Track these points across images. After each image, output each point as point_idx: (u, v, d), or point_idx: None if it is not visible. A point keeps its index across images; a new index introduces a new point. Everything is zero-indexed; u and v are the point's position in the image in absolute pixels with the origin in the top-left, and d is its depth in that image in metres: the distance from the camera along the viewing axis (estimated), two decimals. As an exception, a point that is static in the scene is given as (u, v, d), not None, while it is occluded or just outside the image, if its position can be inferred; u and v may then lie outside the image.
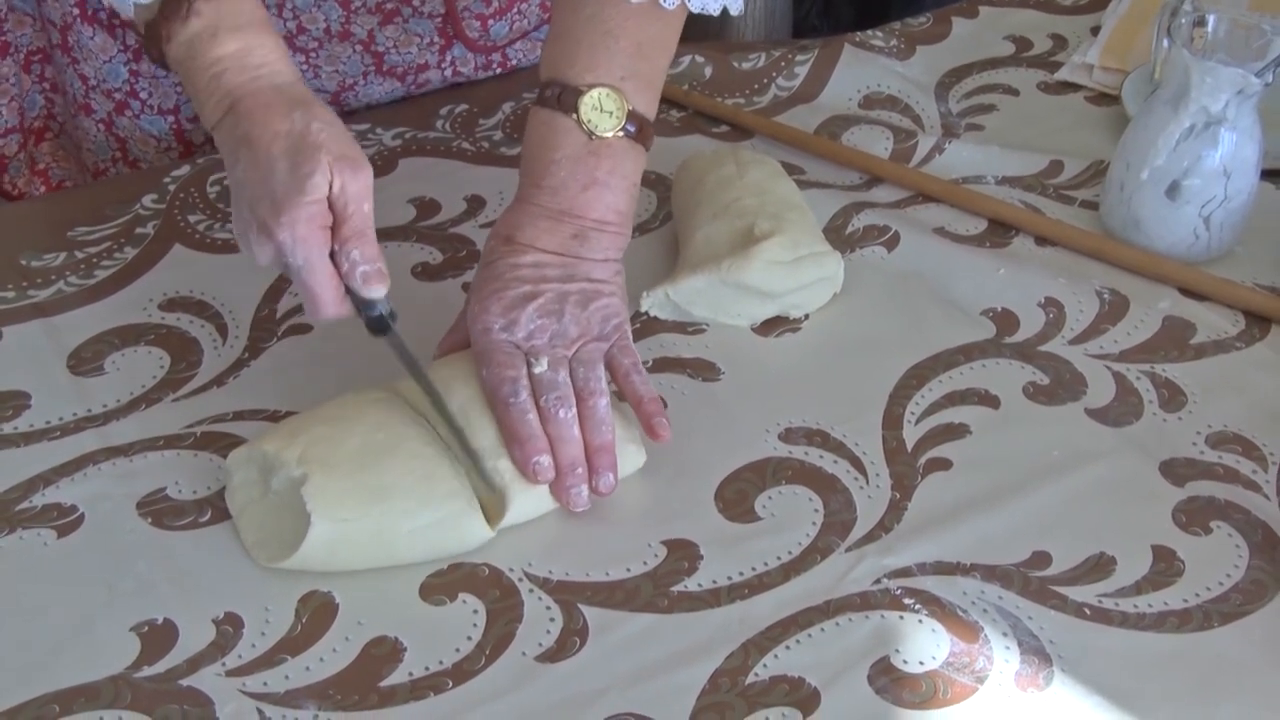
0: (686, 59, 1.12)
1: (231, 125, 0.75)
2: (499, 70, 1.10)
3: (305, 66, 1.03)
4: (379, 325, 0.75)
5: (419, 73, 1.06)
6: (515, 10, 1.06)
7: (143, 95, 1.03)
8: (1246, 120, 0.90)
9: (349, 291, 0.74)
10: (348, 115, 1.06)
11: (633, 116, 0.81)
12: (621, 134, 0.80)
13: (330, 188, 0.72)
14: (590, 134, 0.80)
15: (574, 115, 0.80)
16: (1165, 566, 0.74)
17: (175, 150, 1.06)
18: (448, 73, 1.08)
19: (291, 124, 0.73)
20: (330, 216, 0.73)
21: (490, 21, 1.06)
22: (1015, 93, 1.11)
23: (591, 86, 0.80)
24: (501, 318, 0.78)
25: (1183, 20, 0.91)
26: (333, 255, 0.73)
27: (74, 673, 0.68)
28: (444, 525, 0.73)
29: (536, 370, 0.76)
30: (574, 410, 0.76)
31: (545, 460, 0.75)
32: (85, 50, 1.01)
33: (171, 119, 1.04)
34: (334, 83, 1.05)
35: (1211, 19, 0.91)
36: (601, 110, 0.80)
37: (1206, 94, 0.88)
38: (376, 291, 0.74)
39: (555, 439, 0.75)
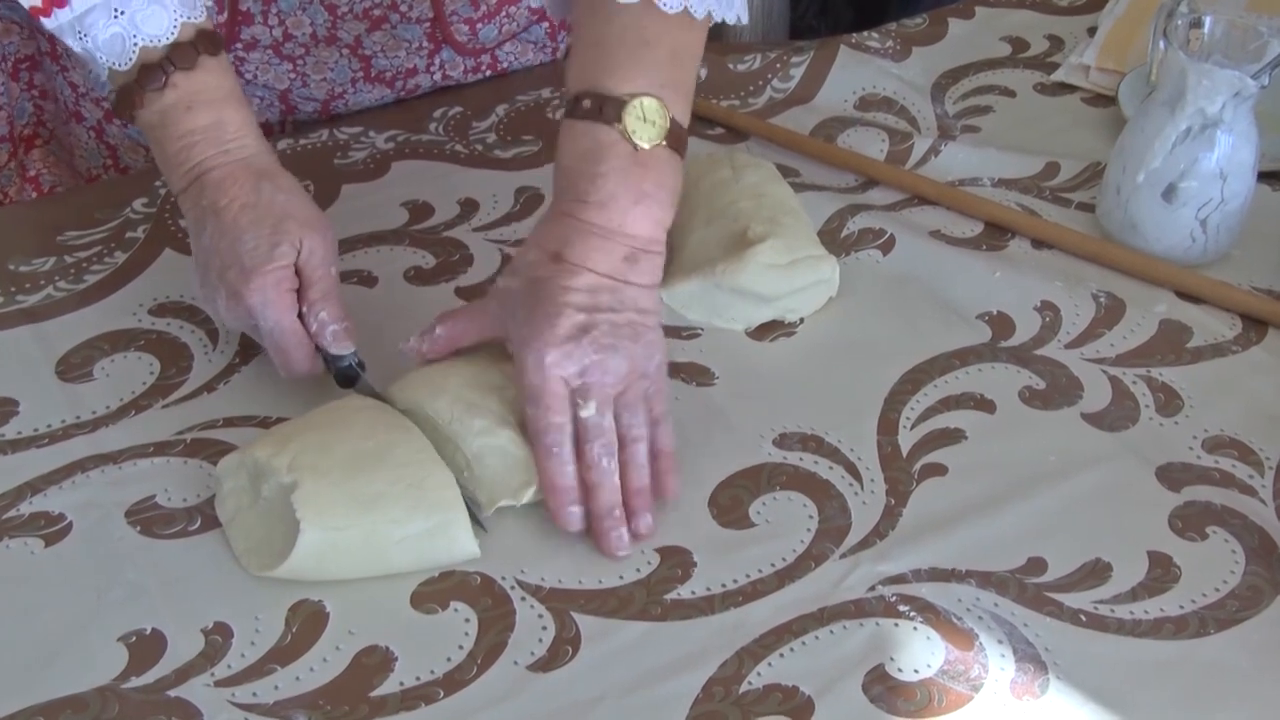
0: (681, 61, 1.11)
1: (197, 194, 0.80)
2: (489, 73, 1.09)
3: (293, 74, 1.02)
4: (348, 377, 0.81)
5: (408, 78, 1.06)
6: (504, 13, 1.06)
7: None
8: (1243, 123, 0.89)
9: (318, 348, 0.80)
10: (338, 119, 1.06)
11: (673, 125, 0.78)
12: (663, 144, 0.77)
13: (298, 254, 0.78)
14: (635, 146, 0.76)
15: (617, 126, 0.76)
16: (1161, 572, 0.74)
17: None
18: (437, 76, 1.07)
19: (258, 195, 0.79)
20: (296, 280, 0.78)
21: (479, 25, 1.05)
22: (1012, 94, 1.11)
23: (634, 96, 0.76)
24: (556, 350, 0.74)
25: (1179, 22, 0.91)
26: (301, 316, 0.79)
27: (61, 683, 0.67)
28: (434, 534, 0.72)
29: (584, 414, 0.74)
30: (616, 458, 0.75)
31: (578, 511, 0.74)
32: (75, 58, 1.01)
33: None
34: (322, 90, 1.04)
35: (1208, 21, 0.91)
36: (645, 120, 0.77)
37: (1203, 96, 0.88)
38: (345, 348, 0.80)
39: (595, 485, 0.74)
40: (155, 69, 0.78)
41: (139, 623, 0.70)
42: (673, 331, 0.88)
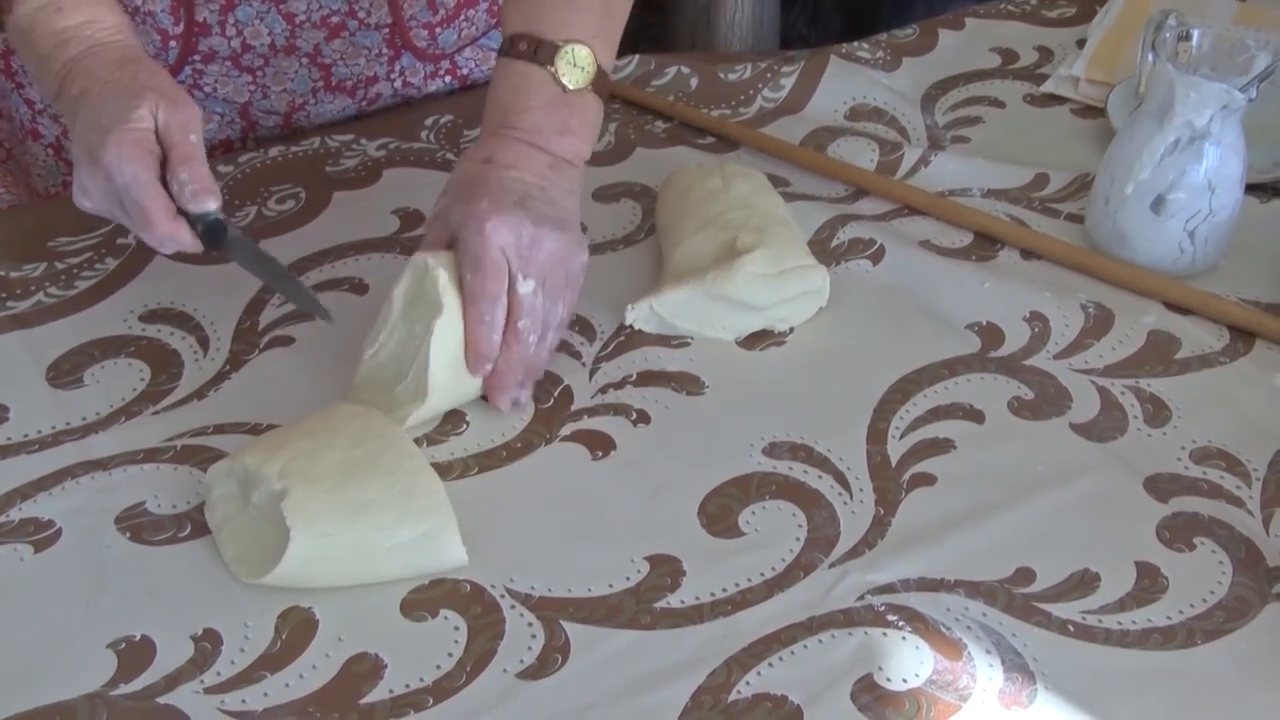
0: (672, 70, 1.12)
1: (69, 87, 0.81)
2: (449, 78, 1.09)
3: (253, 86, 1.02)
4: (214, 233, 0.79)
5: (369, 85, 1.06)
6: (463, 17, 1.06)
7: None
8: (1231, 135, 0.90)
9: (181, 213, 0.79)
10: (300, 133, 1.05)
11: (599, 72, 0.85)
12: (589, 88, 0.84)
13: (156, 121, 0.78)
14: (564, 87, 0.83)
15: (549, 68, 0.83)
16: (1149, 583, 0.74)
17: None
18: (397, 84, 1.07)
19: (120, 72, 0.80)
20: (157, 146, 0.78)
21: (438, 30, 1.06)
22: (1001, 105, 1.11)
23: (567, 43, 0.83)
24: (496, 218, 0.79)
25: (1167, 35, 0.91)
26: (166, 186, 0.78)
27: (49, 691, 0.67)
28: (423, 542, 0.72)
29: (521, 291, 0.79)
30: (537, 336, 0.81)
31: (489, 368, 0.80)
32: (30, 74, 1.01)
33: None
34: (283, 102, 1.04)
35: (1196, 34, 0.91)
36: (575, 65, 0.84)
37: (1191, 108, 0.88)
38: (207, 204, 0.79)
39: (512, 353, 0.80)
40: None
41: (128, 629, 0.70)
42: (663, 340, 0.88)
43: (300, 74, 1.03)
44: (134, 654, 0.69)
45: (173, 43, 0.96)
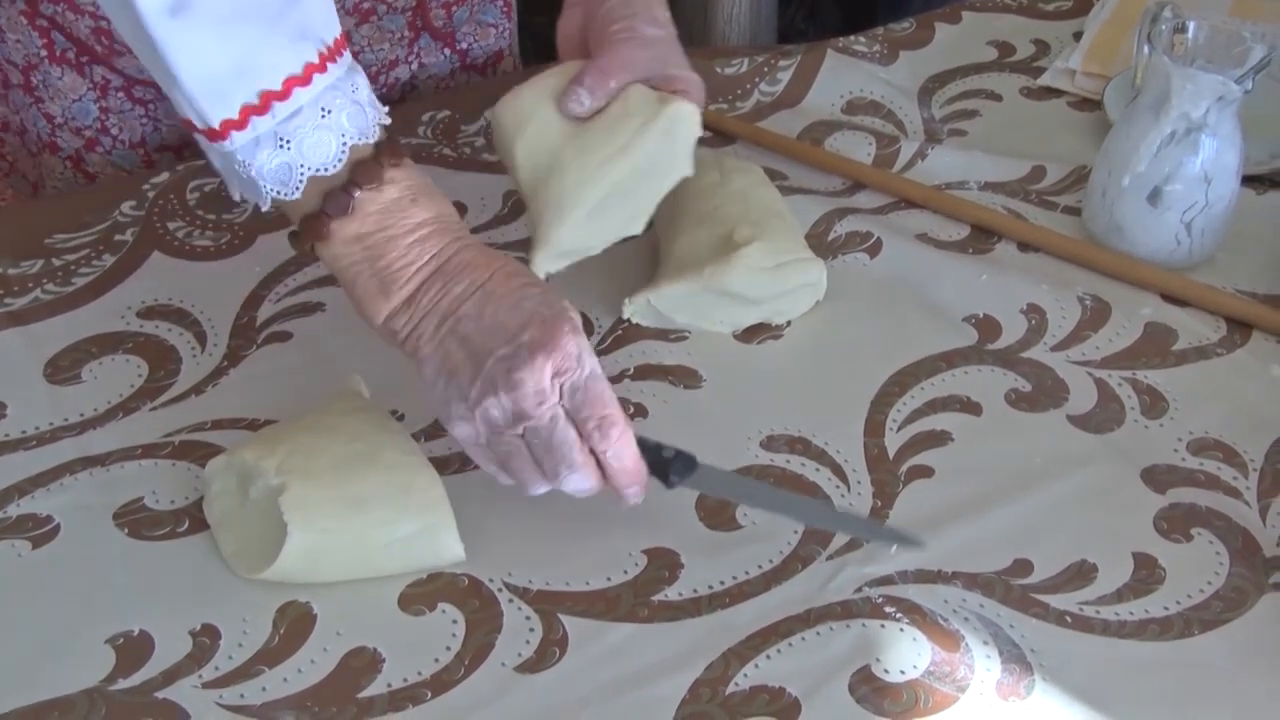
0: (669, 64, 1.12)
1: (443, 288, 0.70)
2: (448, 51, 1.10)
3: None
4: (685, 466, 0.73)
5: (390, 69, 1.06)
6: None
7: (113, 131, 1.02)
8: (1227, 126, 0.90)
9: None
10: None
11: None
12: None
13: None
14: None
15: None
16: (1146, 574, 0.74)
17: None
18: (414, 66, 1.08)
19: (529, 276, 0.72)
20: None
21: (454, 8, 1.07)
22: (998, 98, 1.11)
23: None
24: None
25: (1164, 27, 0.91)
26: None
27: (48, 686, 0.67)
28: (421, 537, 0.72)
29: None
30: None
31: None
32: (53, 89, 1.00)
33: (140, 151, 1.04)
34: None
35: (1192, 26, 0.91)
36: None
37: (1187, 100, 0.88)
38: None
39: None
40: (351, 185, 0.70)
41: (126, 624, 0.70)
42: (660, 334, 0.88)
43: None
44: (132, 649, 0.69)
45: None
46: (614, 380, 0.85)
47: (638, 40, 0.81)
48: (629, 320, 0.89)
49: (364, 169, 0.70)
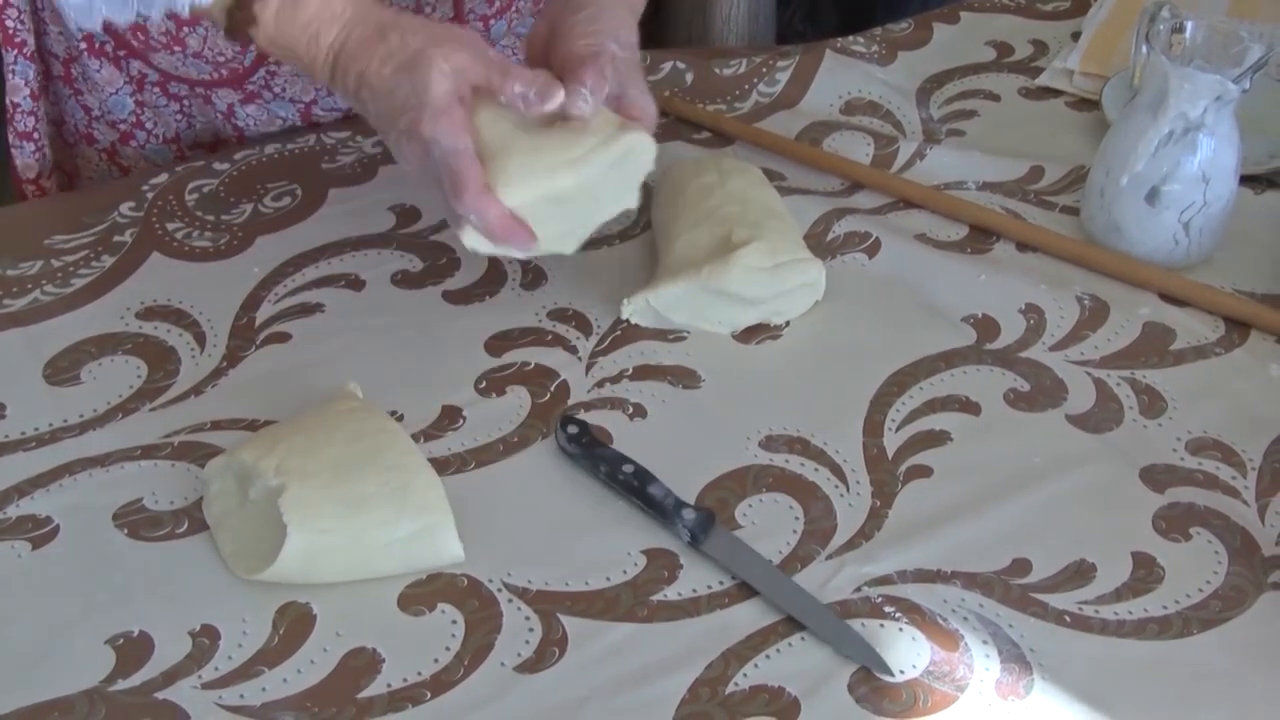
0: (668, 65, 1.12)
1: (343, 76, 0.81)
2: None
3: (318, 85, 1.02)
4: (704, 524, 0.75)
5: None
6: (514, 8, 1.06)
7: (148, 125, 1.04)
8: (1225, 126, 0.90)
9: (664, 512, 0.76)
10: (326, 125, 1.05)
11: None
12: None
13: (449, 78, 0.77)
14: None
15: None
16: (1145, 573, 0.74)
17: None
18: None
19: (389, 45, 0.79)
20: (458, 102, 0.77)
21: (491, 21, 1.06)
22: (996, 98, 1.11)
23: None
24: None
25: (1161, 27, 0.91)
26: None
27: (47, 686, 0.67)
28: (419, 538, 0.72)
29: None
30: None
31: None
32: (90, 82, 1.02)
33: (174, 147, 1.05)
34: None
35: (1190, 25, 0.91)
36: None
37: (1185, 100, 0.88)
38: (555, 95, 0.77)
39: None
40: None
41: (126, 625, 0.70)
42: (659, 334, 0.88)
43: None
44: (132, 649, 0.69)
45: (251, 47, 0.96)
46: (613, 380, 0.85)
47: (605, 56, 0.81)
48: (628, 320, 0.89)
49: None
